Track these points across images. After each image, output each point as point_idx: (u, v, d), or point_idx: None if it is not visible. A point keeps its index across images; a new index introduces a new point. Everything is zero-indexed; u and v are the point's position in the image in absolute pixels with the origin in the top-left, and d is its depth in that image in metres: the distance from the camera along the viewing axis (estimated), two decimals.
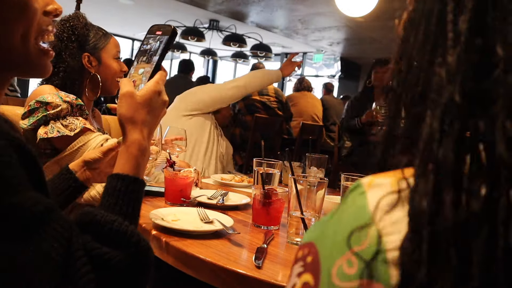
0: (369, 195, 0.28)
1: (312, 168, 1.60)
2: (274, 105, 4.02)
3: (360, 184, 0.30)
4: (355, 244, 0.26)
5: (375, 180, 0.30)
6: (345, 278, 0.26)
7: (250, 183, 1.63)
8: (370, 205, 0.27)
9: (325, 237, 0.29)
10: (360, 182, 0.30)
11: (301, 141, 3.75)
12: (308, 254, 0.30)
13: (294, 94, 4.81)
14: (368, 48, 7.18)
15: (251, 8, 5.51)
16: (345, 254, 0.26)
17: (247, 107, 4.05)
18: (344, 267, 0.26)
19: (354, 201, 0.29)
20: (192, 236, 0.93)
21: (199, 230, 0.96)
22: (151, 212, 1.02)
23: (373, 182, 0.30)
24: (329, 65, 9.17)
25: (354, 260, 0.26)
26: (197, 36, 6.12)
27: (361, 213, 0.28)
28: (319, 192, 1.00)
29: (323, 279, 0.27)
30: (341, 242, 0.27)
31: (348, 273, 0.26)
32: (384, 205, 0.27)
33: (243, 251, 0.89)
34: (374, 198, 0.28)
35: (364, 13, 3.63)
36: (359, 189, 0.30)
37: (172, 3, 5.67)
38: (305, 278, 0.29)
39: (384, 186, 0.28)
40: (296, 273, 0.30)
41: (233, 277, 0.76)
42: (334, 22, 5.71)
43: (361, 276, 0.25)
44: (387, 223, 0.26)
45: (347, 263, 0.26)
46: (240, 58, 7.49)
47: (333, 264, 0.27)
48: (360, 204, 0.28)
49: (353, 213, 0.28)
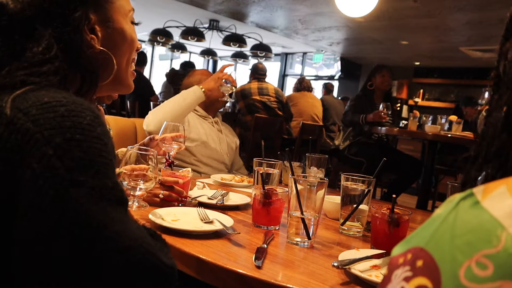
0: (486, 204, 0.29)
1: (312, 168, 1.60)
2: (274, 105, 4.02)
3: (471, 192, 0.30)
4: (485, 248, 0.27)
5: (489, 188, 0.30)
6: (478, 280, 0.26)
7: (250, 183, 1.63)
8: (495, 214, 0.28)
9: (439, 242, 0.29)
10: (472, 191, 0.30)
11: (301, 141, 3.75)
12: (416, 259, 0.30)
13: (294, 94, 4.81)
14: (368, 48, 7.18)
15: (251, 8, 5.51)
16: (473, 257, 0.27)
17: (247, 107, 4.05)
18: (474, 269, 0.26)
19: (468, 210, 0.29)
20: (192, 236, 0.93)
21: (199, 230, 0.96)
22: (151, 212, 1.02)
23: (487, 190, 0.30)
24: (329, 65, 9.17)
25: (487, 262, 0.26)
26: (197, 36, 6.12)
27: (483, 221, 0.28)
28: (319, 192, 1.00)
29: (446, 281, 0.27)
30: (464, 245, 0.28)
31: (481, 275, 0.26)
32: (510, 212, 0.27)
33: (243, 251, 0.89)
34: (497, 206, 0.28)
35: (364, 13, 3.63)
36: (471, 198, 0.30)
37: (172, 3, 5.67)
38: (419, 281, 0.29)
39: (505, 195, 0.28)
40: (401, 278, 0.30)
41: (233, 277, 0.76)
42: (334, 22, 5.70)
43: (501, 277, 0.25)
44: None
45: (477, 265, 0.26)
46: (240, 58, 7.49)
47: (460, 266, 0.27)
48: (480, 214, 0.28)
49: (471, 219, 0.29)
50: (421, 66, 8.06)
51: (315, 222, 0.98)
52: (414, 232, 0.33)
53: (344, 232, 1.13)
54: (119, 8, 0.73)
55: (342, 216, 1.15)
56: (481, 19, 4.63)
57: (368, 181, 1.15)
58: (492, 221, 0.27)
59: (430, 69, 7.96)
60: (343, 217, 1.14)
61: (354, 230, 1.13)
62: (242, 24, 6.25)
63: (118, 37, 0.72)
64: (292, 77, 9.11)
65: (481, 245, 0.27)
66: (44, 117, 0.49)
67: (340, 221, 1.14)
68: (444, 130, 3.25)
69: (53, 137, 0.48)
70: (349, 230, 1.13)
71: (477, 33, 5.19)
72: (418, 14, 4.76)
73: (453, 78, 7.65)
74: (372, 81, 3.41)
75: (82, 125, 0.50)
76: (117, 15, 0.72)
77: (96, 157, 0.50)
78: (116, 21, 0.72)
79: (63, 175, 0.47)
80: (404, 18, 5.01)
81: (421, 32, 5.65)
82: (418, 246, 0.31)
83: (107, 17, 0.70)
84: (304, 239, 0.97)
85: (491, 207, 0.28)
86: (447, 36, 5.62)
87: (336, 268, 0.81)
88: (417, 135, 3.38)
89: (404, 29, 5.59)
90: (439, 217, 0.31)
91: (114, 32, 0.71)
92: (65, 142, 0.48)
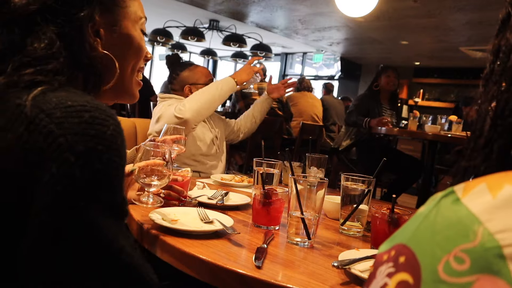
0: (465, 200, 0.30)
1: (312, 168, 1.60)
2: (274, 105, 4.02)
3: (452, 190, 0.31)
4: (462, 242, 0.27)
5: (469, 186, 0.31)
6: (456, 274, 0.27)
7: (250, 183, 1.63)
8: (473, 210, 0.29)
9: (420, 238, 0.31)
10: (453, 189, 0.31)
11: (301, 141, 3.75)
12: (399, 255, 0.31)
13: (294, 94, 4.81)
14: (368, 48, 7.18)
15: (251, 8, 5.51)
16: (452, 252, 0.28)
17: (248, 107, 4.05)
18: (452, 264, 0.27)
19: (449, 206, 0.30)
20: (192, 236, 0.93)
21: (199, 230, 0.96)
22: (151, 212, 1.02)
23: (467, 187, 0.31)
24: (329, 65, 9.17)
25: (464, 256, 0.27)
26: (197, 36, 6.12)
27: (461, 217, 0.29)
28: (319, 192, 1.00)
29: (426, 276, 0.28)
30: (443, 241, 0.29)
31: (459, 269, 0.27)
32: (489, 207, 0.28)
33: (243, 251, 0.89)
34: (475, 202, 0.29)
35: (364, 13, 3.63)
36: (451, 195, 0.31)
37: (172, 3, 5.67)
38: (401, 277, 0.30)
39: (484, 192, 0.29)
40: (385, 274, 0.31)
41: (233, 277, 0.76)
42: (334, 22, 5.71)
43: (478, 271, 0.26)
44: (497, 221, 0.27)
45: (455, 259, 0.27)
46: (240, 58, 7.49)
47: (438, 261, 0.28)
48: (458, 210, 0.29)
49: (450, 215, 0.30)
50: (421, 66, 8.06)
51: (315, 222, 0.98)
52: (398, 230, 0.34)
53: (344, 232, 1.13)
54: (130, 14, 0.72)
55: (342, 216, 1.15)
56: (481, 19, 4.63)
57: (368, 181, 1.15)
58: (470, 216, 0.28)
59: (430, 69, 7.96)
60: (343, 217, 1.14)
61: (354, 230, 1.13)
62: (242, 24, 6.25)
63: (123, 43, 0.71)
64: (292, 77, 9.12)
65: (459, 240, 0.28)
66: (69, 121, 0.49)
67: (340, 221, 1.14)
68: (444, 130, 3.25)
69: (76, 143, 0.48)
70: (349, 230, 1.13)
71: (477, 33, 5.19)
72: (418, 14, 4.77)
73: (453, 78, 7.65)
74: (378, 82, 3.42)
75: (105, 135, 0.50)
76: (125, 21, 0.71)
77: (113, 170, 0.51)
78: (124, 27, 0.70)
79: (81, 187, 0.48)
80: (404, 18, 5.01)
81: (421, 32, 5.65)
82: (401, 243, 0.31)
83: (114, 21, 0.69)
84: (304, 239, 0.97)
85: (470, 203, 0.29)
86: (447, 36, 5.62)
87: (336, 268, 0.81)
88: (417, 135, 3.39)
89: (404, 29, 5.60)
90: (421, 214, 0.32)
91: (119, 37, 0.70)
92: (88, 151, 0.48)
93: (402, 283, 0.29)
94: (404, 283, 0.29)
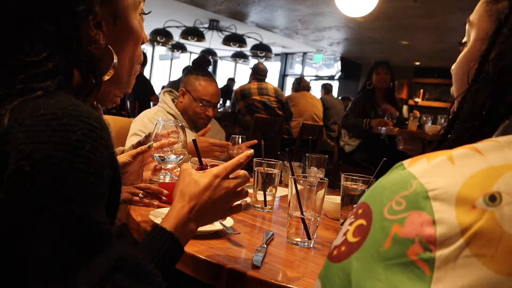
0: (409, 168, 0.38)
1: (312, 168, 1.60)
2: (274, 105, 4.02)
3: (401, 163, 0.40)
4: (402, 191, 0.36)
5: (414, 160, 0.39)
6: (395, 212, 0.35)
7: (250, 183, 1.63)
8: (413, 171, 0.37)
9: (374, 194, 0.39)
10: (402, 162, 0.40)
11: (301, 141, 3.74)
12: (359, 209, 0.40)
13: (294, 94, 4.81)
14: (368, 48, 7.19)
15: (251, 8, 5.51)
16: (394, 199, 0.36)
17: (247, 107, 4.05)
18: (393, 206, 0.36)
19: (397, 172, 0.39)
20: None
21: (199, 230, 0.95)
22: (151, 212, 1.02)
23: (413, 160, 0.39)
24: (329, 65, 9.18)
25: (402, 200, 0.36)
26: (197, 36, 6.13)
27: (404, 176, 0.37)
28: (319, 192, 1.00)
29: (376, 217, 0.37)
30: (389, 193, 0.37)
31: (397, 209, 0.35)
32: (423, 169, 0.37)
33: (243, 251, 0.89)
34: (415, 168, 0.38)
35: (364, 13, 3.63)
36: (400, 166, 0.40)
37: (172, 3, 5.67)
38: (358, 223, 0.38)
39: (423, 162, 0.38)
40: (347, 224, 0.40)
41: (233, 277, 0.76)
42: (334, 22, 5.71)
43: (410, 209, 0.35)
44: (427, 176, 0.36)
45: (396, 203, 0.36)
46: (240, 58, 7.50)
47: (384, 206, 0.37)
48: (403, 172, 0.38)
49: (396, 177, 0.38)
50: (421, 66, 8.07)
51: (315, 222, 0.98)
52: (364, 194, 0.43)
53: None
54: (129, 1, 0.70)
55: (342, 216, 1.15)
56: None
57: (368, 181, 1.15)
58: (409, 175, 0.37)
59: (430, 69, 7.97)
60: (343, 217, 1.14)
61: None
62: (242, 24, 6.26)
63: (124, 34, 0.70)
64: (292, 77, 9.12)
65: (399, 190, 0.37)
66: (36, 129, 0.46)
67: (340, 221, 1.14)
68: None
69: (36, 151, 0.45)
70: None
71: None
72: (418, 14, 4.77)
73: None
74: (371, 80, 3.34)
75: (69, 141, 0.47)
76: (126, 10, 0.69)
77: (72, 178, 0.46)
78: (124, 17, 0.68)
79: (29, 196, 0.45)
80: (404, 18, 5.01)
81: (421, 32, 5.65)
82: (362, 201, 0.40)
83: (115, 12, 0.67)
84: (304, 239, 0.97)
85: (411, 168, 0.38)
86: (447, 36, 5.62)
87: None
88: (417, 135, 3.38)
89: (404, 29, 5.60)
90: (379, 181, 0.40)
91: (120, 28, 0.68)
92: (44, 159, 0.45)
93: (359, 226, 0.38)
94: (360, 226, 0.38)
